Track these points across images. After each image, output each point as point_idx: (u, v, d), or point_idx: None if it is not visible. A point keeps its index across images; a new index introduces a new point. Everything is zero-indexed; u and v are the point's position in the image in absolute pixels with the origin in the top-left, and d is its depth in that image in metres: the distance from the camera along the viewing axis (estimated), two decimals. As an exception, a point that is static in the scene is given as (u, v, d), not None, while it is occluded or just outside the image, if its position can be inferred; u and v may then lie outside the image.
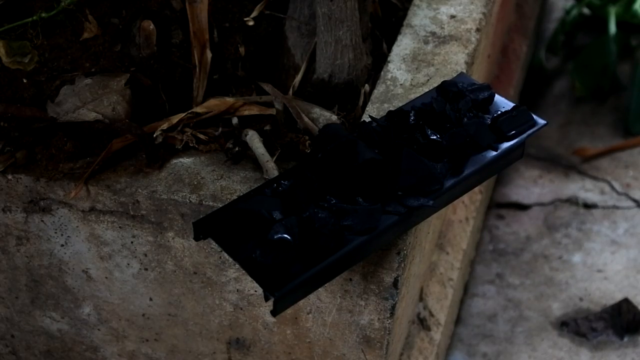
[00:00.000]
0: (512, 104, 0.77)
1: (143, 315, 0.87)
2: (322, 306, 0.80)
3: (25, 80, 0.82)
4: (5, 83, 0.82)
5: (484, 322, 1.19)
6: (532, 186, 1.37)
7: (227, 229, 0.69)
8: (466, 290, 1.21)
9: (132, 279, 0.84)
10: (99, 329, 0.90)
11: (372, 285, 0.77)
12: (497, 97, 0.77)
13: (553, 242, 1.28)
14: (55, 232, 0.82)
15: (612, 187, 1.34)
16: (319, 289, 0.79)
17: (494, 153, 0.74)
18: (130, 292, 0.85)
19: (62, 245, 0.83)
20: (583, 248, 1.26)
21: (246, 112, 0.81)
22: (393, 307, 0.78)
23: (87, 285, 0.86)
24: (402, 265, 0.75)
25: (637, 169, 1.37)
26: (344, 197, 0.70)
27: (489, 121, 0.75)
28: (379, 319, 0.79)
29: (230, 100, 0.81)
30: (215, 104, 0.81)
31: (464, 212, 1.15)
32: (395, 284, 0.76)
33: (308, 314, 0.81)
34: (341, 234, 0.68)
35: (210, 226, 0.70)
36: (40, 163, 0.79)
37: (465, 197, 1.17)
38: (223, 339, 0.86)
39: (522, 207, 1.34)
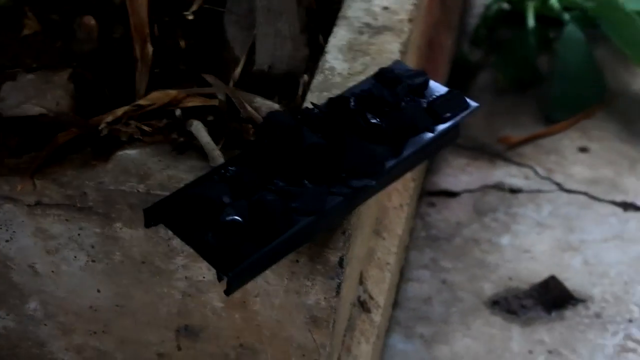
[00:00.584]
0: (446, 89, 0.81)
1: (90, 307, 0.88)
2: (270, 289, 0.82)
3: (-36, 78, 0.82)
4: (-55, 81, 0.82)
5: (419, 305, 1.23)
6: (460, 174, 1.42)
7: (178, 214, 0.71)
8: (402, 276, 1.25)
9: (80, 272, 0.85)
10: (45, 324, 0.90)
11: (318, 266, 0.79)
12: (432, 83, 0.81)
13: (482, 227, 1.33)
14: (0, 228, 0.82)
15: (536, 172, 1.41)
16: (267, 272, 0.81)
17: (431, 135, 0.77)
18: (78, 285, 0.86)
19: (7, 241, 0.83)
20: (511, 230, 1.32)
21: (189, 104, 0.83)
22: (339, 286, 0.81)
23: (33, 280, 0.86)
24: (347, 244, 0.78)
25: (558, 154, 1.43)
26: (291, 181, 0.72)
27: (425, 105, 0.79)
28: (325, 298, 0.82)
29: (173, 92, 0.83)
30: (158, 96, 0.82)
31: (398, 199, 1.19)
32: (340, 263, 0.79)
33: (256, 297, 0.83)
34: (290, 215, 0.70)
35: (160, 213, 0.72)
36: (-16, 159, 0.79)
37: (399, 185, 1.21)
38: (172, 327, 0.88)
39: (452, 194, 1.39)
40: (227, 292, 0.69)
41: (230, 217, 0.68)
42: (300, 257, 0.79)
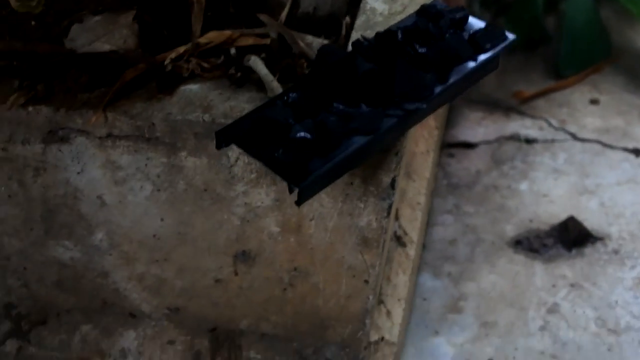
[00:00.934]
0: (484, 23, 0.87)
1: (154, 236, 0.94)
2: (324, 212, 0.89)
3: (33, 23, 0.88)
4: (15, 26, 0.88)
5: (446, 247, 1.29)
6: (477, 127, 1.49)
7: (247, 135, 0.77)
8: (427, 221, 1.32)
9: (145, 201, 0.91)
10: (110, 254, 0.96)
11: (371, 187, 0.86)
12: (471, 18, 0.88)
13: (501, 174, 1.40)
14: (72, 161, 0.89)
15: (550, 124, 1.48)
16: (322, 195, 0.88)
17: (474, 64, 0.84)
18: (143, 215, 0.92)
19: (78, 173, 0.90)
20: (528, 177, 1.39)
21: (243, 43, 0.89)
22: (389, 207, 0.87)
23: (100, 211, 0.92)
24: (399, 166, 0.85)
25: (570, 106, 1.50)
26: (349, 104, 0.79)
27: (466, 37, 0.86)
28: (376, 219, 0.88)
29: (228, 32, 0.89)
30: (214, 35, 0.89)
31: (425, 145, 1.26)
32: (392, 184, 0.85)
33: (311, 220, 0.90)
34: (350, 134, 0.77)
35: (230, 135, 0.78)
36: (58, 95, 0.85)
37: (424, 131, 1.28)
38: (230, 253, 0.94)
39: (470, 145, 1.46)
40: (298, 202, 0.75)
41: (300, 134, 0.75)
42: (354, 179, 0.86)
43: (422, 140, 1.26)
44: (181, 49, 0.87)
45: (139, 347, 1.03)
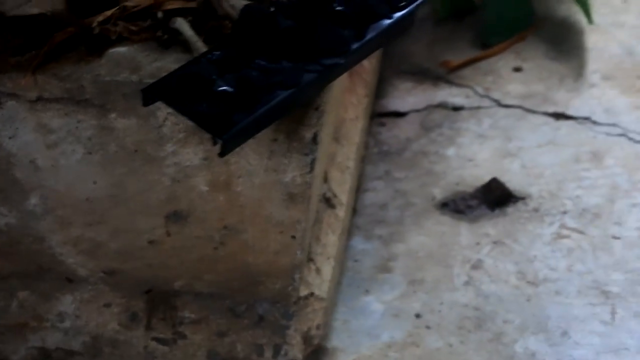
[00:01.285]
0: (399, -18, 0.92)
1: (87, 199, 0.96)
2: (251, 169, 0.92)
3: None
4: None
5: (376, 211, 1.34)
6: (406, 96, 1.54)
7: (173, 91, 0.80)
8: (359, 187, 1.36)
9: (77, 164, 0.94)
10: (45, 219, 0.98)
11: (294, 143, 0.90)
12: (387, -22, 0.92)
13: (429, 141, 1.45)
14: (4, 125, 0.91)
15: (475, 91, 1.53)
16: (248, 152, 0.91)
17: (389, 21, 0.89)
18: (75, 178, 0.95)
19: (10, 138, 0.92)
20: (455, 143, 1.44)
21: (170, 6, 0.92)
22: (312, 162, 0.91)
23: (34, 175, 0.95)
24: (320, 121, 0.89)
25: (494, 74, 1.56)
26: (270, 60, 0.83)
27: (382, -5, 0.90)
28: (300, 174, 0.92)
29: (154, -4, 0.92)
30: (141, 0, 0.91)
31: (354, 112, 1.30)
32: (314, 139, 0.89)
33: (239, 178, 0.93)
34: (272, 88, 0.81)
35: (156, 91, 0.81)
36: (-14, 59, 0.87)
37: (353, 99, 1.32)
38: (161, 214, 0.97)
39: (400, 114, 1.51)
40: (222, 154, 0.78)
41: (221, 88, 0.78)
42: (278, 135, 0.90)
43: (351, 107, 1.30)
44: (108, 13, 0.89)
45: (75, 310, 1.06)
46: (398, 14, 0.89)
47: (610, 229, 1.29)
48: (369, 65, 1.38)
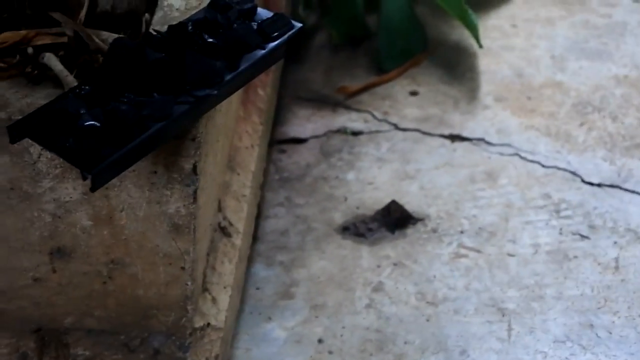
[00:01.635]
0: (272, 13, 0.93)
1: (-35, 239, 0.94)
2: (133, 202, 0.92)
3: None
4: None
5: (277, 237, 1.34)
6: (306, 123, 1.55)
7: (40, 127, 0.80)
8: (260, 214, 1.37)
9: (-49, 205, 0.92)
10: None
11: (174, 174, 0.90)
12: (260, 9, 0.93)
13: (329, 166, 1.47)
14: None
15: (374, 116, 1.55)
16: (129, 185, 0.91)
17: (262, 51, 0.89)
18: (-49, 219, 0.92)
19: None
20: (355, 167, 1.46)
21: (40, 42, 0.91)
22: (195, 193, 0.91)
23: None
24: (198, 152, 0.89)
25: (391, 99, 1.59)
26: (140, 93, 0.82)
27: (255, 27, 0.91)
28: (184, 205, 0.92)
29: (23, 32, 0.91)
30: (9, 35, 0.91)
31: (249, 140, 1.31)
32: (194, 169, 0.89)
33: (121, 211, 0.93)
34: (142, 121, 0.80)
35: (23, 128, 0.80)
36: None
37: (248, 127, 1.32)
38: (45, 250, 0.95)
39: (300, 140, 1.52)
40: (92, 189, 0.78)
41: (88, 122, 0.78)
42: (157, 167, 0.89)
43: (245, 136, 1.30)
44: (-25, 50, 0.88)
45: (-38, 354, 1.03)
46: (271, 45, 0.90)
47: (506, 246, 1.31)
48: (264, 94, 1.39)
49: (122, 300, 1.00)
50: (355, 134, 1.52)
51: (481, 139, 1.49)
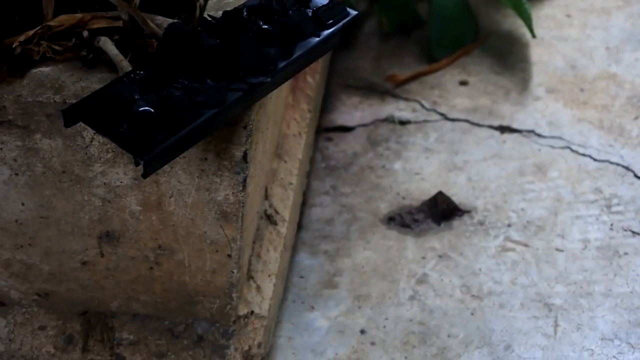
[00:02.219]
0: (328, 0, 0.91)
1: (16, 221, 0.95)
2: (182, 188, 0.91)
3: None
4: None
5: (323, 226, 1.33)
6: (354, 111, 1.53)
7: (94, 112, 0.79)
8: (305, 202, 1.36)
9: (4, 186, 0.92)
10: (-27, 243, 0.97)
11: (225, 162, 0.89)
12: (315, -5, 0.92)
13: (376, 155, 1.45)
14: None
15: (422, 105, 1.53)
16: (178, 172, 0.90)
17: (317, 39, 0.88)
18: (3, 200, 0.93)
19: None
20: (402, 157, 1.44)
21: (95, 25, 0.91)
22: (244, 180, 0.90)
23: (-40, 198, 0.93)
24: (249, 140, 0.88)
25: (441, 88, 1.56)
26: (194, 79, 0.82)
27: (310, 13, 0.89)
28: (233, 193, 0.91)
29: (79, 15, 0.91)
30: (65, 19, 0.90)
31: (296, 128, 1.30)
32: (244, 157, 0.88)
33: (170, 197, 0.92)
34: (195, 107, 0.80)
35: (78, 112, 0.80)
36: None
37: (297, 115, 1.31)
38: (94, 234, 0.96)
39: (347, 129, 1.50)
40: (145, 175, 0.77)
41: (142, 108, 0.77)
42: (208, 154, 0.89)
43: (293, 123, 1.29)
44: (30, 32, 0.88)
45: (9, 334, 1.04)
46: (326, 32, 0.89)
47: (554, 241, 1.29)
48: (313, 81, 1.38)
49: (168, 286, 1.00)
50: (403, 123, 1.51)
51: (531, 131, 1.46)
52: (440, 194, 1.36)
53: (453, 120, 1.50)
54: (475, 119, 1.49)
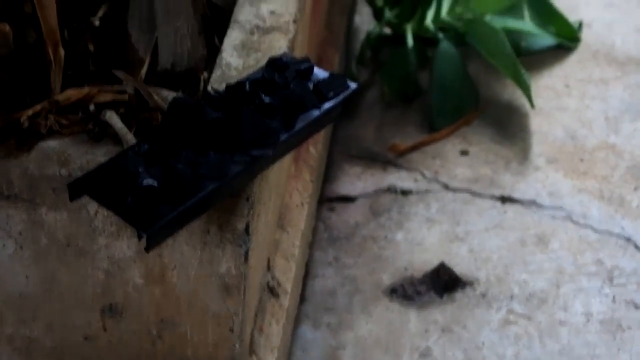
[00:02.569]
0: (328, 73, 0.93)
1: (20, 295, 0.95)
2: (185, 260, 0.91)
3: None
4: None
5: (325, 298, 1.33)
6: (356, 181, 1.54)
7: (99, 185, 0.80)
8: (308, 273, 1.36)
9: (8, 260, 0.92)
10: (-25, 317, 0.96)
11: (227, 234, 0.89)
12: (316, 69, 0.93)
13: (378, 225, 1.45)
14: None
15: (424, 175, 1.54)
16: (181, 244, 0.90)
17: (318, 111, 0.89)
18: (7, 274, 0.93)
19: (-62, 234, 0.90)
20: (404, 227, 1.44)
21: (102, 99, 0.92)
22: (246, 253, 0.90)
23: (-38, 271, 0.93)
24: (251, 212, 0.88)
25: (442, 158, 1.57)
26: (197, 152, 0.83)
27: (311, 86, 0.91)
28: (235, 265, 0.91)
29: (86, 89, 0.93)
30: (72, 93, 0.92)
31: (299, 198, 1.30)
32: (247, 229, 0.89)
33: (173, 270, 0.92)
34: (198, 180, 0.80)
35: (82, 186, 0.81)
36: None
37: (299, 185, 1.32)
38: (97, 308, 0.95)
39: (349, 199, 1.51)
40: (147, 248, 0.78)
41: (146, 181, 0.78)
42: (211, 226, 0.89)
43: (296, 193, 1.30)
44: (38, 107, 0.90)
45: (9, 409, 1.02)
46: (327, 105, 0.90)
47: (557, 314, 1.28)
48: (315, 152, 1.39)
49: None
50: (405, 193, 1.51)
51: (532, 201, 1.47)
52: (442, 265, 1.35)
53: (454, 190, 1.51)
54: (476, 189, 1.50)
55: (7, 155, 0.88)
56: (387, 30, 1.75)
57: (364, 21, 1.86)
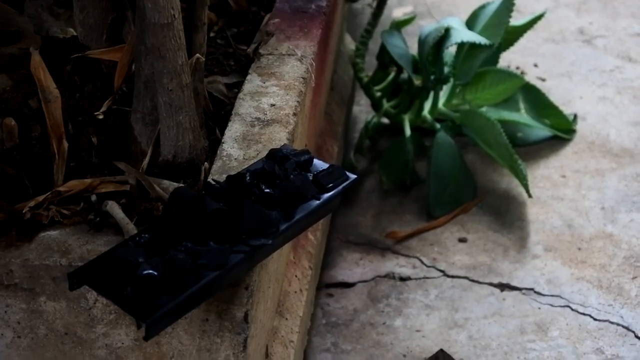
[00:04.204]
0: (328, 164, 0.95)
1: (16, 384, 0.95)
2: (183, 349, 0.92)
3: None
4: None
5: (323, 386, 1.32)
6: (354, 267, 1.55)
7: (99, 275, 0.81)
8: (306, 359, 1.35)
9: (6, 349, 0.92)
10: (-29, 406, 0.96)
11: (226, 322, 0.90)
12: (316, 160, 0.96)
13: (377, 312, 1.45)
14: None
15: (422, 262, 1.55)
16: (180, 332, 0.91)
17: (317, 202, 0.91)
18: (4, 362, 0.93)
19: (-62, 322, 0.91)
20: (402, 314, 1.44)
21: (103, 190, 0.94)
22: (245, 341, 0.91)
23: (-40, 360, 0.93)
24: (250, 300, 0.89)
25: (440, 245, 1.58)
26: (197, 242, 0.84)
27: (311, 177, 0.93)
28: (233, 353, 0.91)
29: (88, 180, 0.94)
30: (74, 184, 0.94)
31: (298, 285, 1.31)
32: (245, 318, 0.89)
33: (171, 358, 0.92)
34: (198, 270, 0.81)
35: (83, 276, 0.81)
36: None
37: (298, 272, 1.33)
38: (93, 398, 0.95)
39: (348, 285, 1.52)
40: (146, 338, 0.78)
41: (146, 271, 0.79)
42: (209, 315, 0.90)
43: (294, 280, 1.31)
44: (40, 198, 0.91)
45: None
46: (326, 195, 0.92)
47: (557, 403, 1.27)
48: (314, 239, 1.40)
49: None
50: (404, 279, 1.52)
51: (531, 289, 1.47)
52: (441, 352, 1.35)
53: (453, 277, 1.51)
54: (475, 276, 1.51)
55: (8, 245, 0.89)
56: (385, 120, 1.78)
57: (363, 111, 1.91)
